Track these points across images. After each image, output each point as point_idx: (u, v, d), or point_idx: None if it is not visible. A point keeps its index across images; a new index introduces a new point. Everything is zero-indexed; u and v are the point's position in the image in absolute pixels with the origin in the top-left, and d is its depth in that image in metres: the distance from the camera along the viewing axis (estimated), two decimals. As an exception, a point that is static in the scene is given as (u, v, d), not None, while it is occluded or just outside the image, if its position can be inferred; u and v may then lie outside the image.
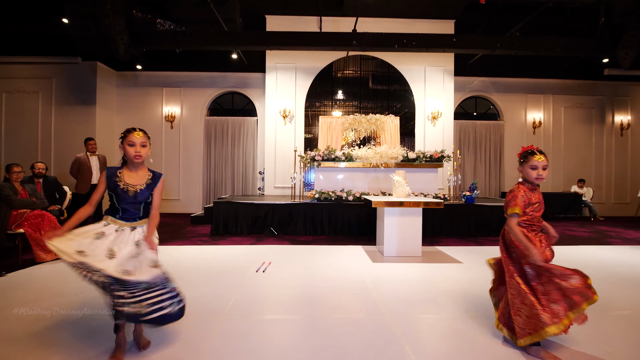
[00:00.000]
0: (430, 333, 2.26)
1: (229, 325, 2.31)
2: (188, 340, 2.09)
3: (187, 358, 1.89)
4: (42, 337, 2.10)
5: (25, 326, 2.25)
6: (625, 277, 3.54)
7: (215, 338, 2.13)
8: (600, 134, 9.71)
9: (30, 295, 2.85)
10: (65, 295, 2.83)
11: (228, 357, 1.91)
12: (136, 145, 1.99)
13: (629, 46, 5.79)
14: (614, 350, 2.02)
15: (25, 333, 2.15)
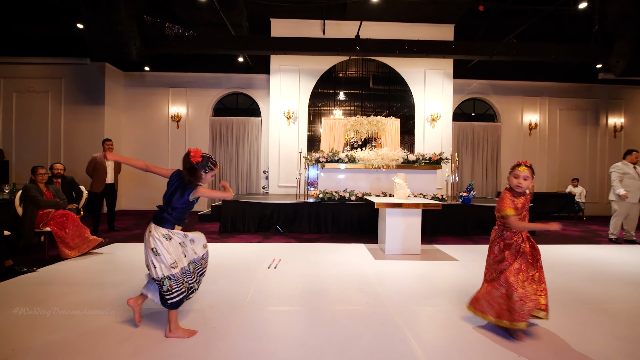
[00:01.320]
0: (429, 323, 2.54)
1: (250, 315, 2.59)
2: (217, 328, 2.37)
3: (219, 342, 2.17)
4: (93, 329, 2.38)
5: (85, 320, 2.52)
6: (609, 275, 3.83)
7: (240, 326, 2.40)
8: (594, 136, 10.01)
9: (67, 288, 3.12)
10: (102, 287, 3.10)
11: (252, 342, 2.18)
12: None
13: (620, 54, 6.06)
14: (588, 339, 2.31)
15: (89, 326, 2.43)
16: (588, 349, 2.16)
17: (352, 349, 2.13)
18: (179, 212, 2.25)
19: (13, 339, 2.17)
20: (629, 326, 2.53)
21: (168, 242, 2.18)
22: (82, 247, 4.24)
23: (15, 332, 2.26)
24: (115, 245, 4.84)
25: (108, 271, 3.67)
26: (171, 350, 2.07)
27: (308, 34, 8.49)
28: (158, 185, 9.53)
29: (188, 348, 2.10)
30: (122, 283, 3.27)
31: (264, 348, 2.11)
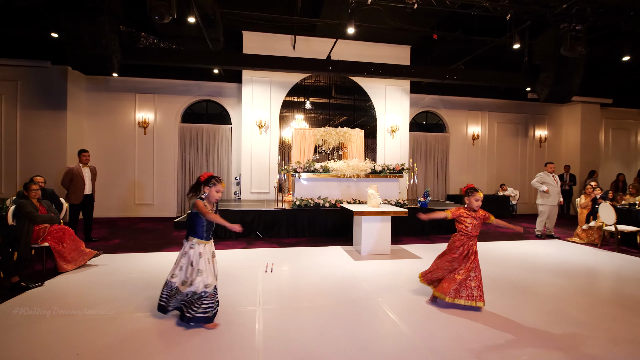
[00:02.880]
0: (402, 303, 3.26)
1: (268, 312, 3.10)
2: (245, 324, 2.86)
3: (249, 334, 2.66)
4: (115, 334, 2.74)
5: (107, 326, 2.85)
6: (535, 265, 4.89)
7: (266, 321, 2.91)
8: (524, 146, 11.70)
9: (88, 297, 3.36)
10: (120, 298, 3.39)
11: (283, 333, 2.71)
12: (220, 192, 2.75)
13: (544, 84, 7.40)
14: (522, 314, 3.17)
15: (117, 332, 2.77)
16: (522, 320, 3.01)
17: (356, 321, 2.76)
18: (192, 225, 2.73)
19: (74, 343, 2.49)
20: (550, 303, 3.46)
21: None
22: (79, 260, 4.39)
23: (74, 338, 2.56)
24: (105, 257, 4.98)
25: (117, 281, 3.92)
26: (222, 342, 2.54)
27: (279, 47, 8.94)
28: (121, 193, 9.40)
29: (241, 339, 2.57)
30: (146, 287, 3.58)
31: (294, 338, 2.66)
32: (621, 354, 2.50)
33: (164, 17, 4.30)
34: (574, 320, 3.08)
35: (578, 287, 4.03)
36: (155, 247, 5.85)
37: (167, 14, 4.29)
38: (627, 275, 4.53)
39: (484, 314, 3.14)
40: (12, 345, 2.49)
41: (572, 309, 3.35)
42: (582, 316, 3.17)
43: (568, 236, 7.16)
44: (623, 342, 2.67)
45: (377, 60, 8.89)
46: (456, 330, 2.82)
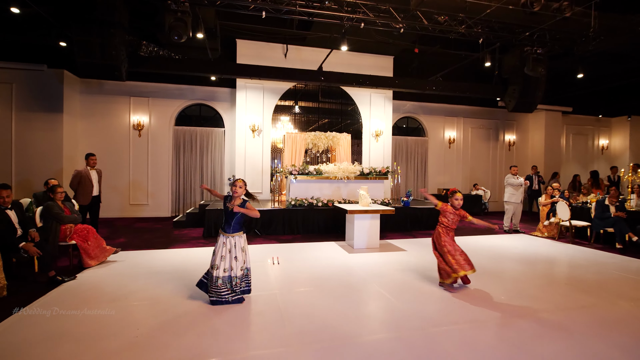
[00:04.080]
0: (394, 286, 3.93)
1: (281, 295, 3.68)
2: (268, 304, 3.43)
3: (273, 311, 3.24)
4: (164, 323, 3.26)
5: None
6: (502, 255, 5.70)
7: (280, 301, 3.49)
8: (495, 149, 12.75)
9: (119, 288, 3.82)
10: (153, 281, 3.87)
11: (304, 308, 3.30)
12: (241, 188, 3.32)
13: (511, 96, 8.33)
14: (490, 293, 3.92)
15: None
16: (493, 297, 3.75)
17: (358, 299, 3.40)
18: (235, 221, 3.30)
19: (131, 323, 2.99)
20: (514, 284, 4.23)
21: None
22: (101, 257, 4.80)
23: (128, 319, 3.05)
24: (122, 254, 5.37)
25: (143, 273, 4.37)
26: (252, 315, 3.10)
27: (271, 55, 9.46)
28: (116, 194, 9.65)
29: (267, 314, 3.15)
30: (171, 278, 4.06)
31: (309, 312, 3.27)
32: (564, 318, 3.26)
33: (182, 36, 4.76)
34: (532, 296, 3.85)
35: (537, 272, 4.85)
36: (163, 244, 6.27)
37: (184, 34, 4.75)
38: (578, 262, 5.42)
39: (461, 293, 3.85)
40: (81, 322, 2.95)
41: (531, 288, 4.13)
42: (539, 293, 3.95)
43: (531, 231, 8.11)
44: (567, 310, 3.45)
45: (362, 69, 9.59)
46: (440, 305, 3.51)
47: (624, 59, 8.27)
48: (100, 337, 2.74)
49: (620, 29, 6.08)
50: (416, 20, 5.85)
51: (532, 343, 2.78)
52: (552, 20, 5.78)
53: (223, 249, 3.40)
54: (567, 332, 2.98)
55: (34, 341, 2.67)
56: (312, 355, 2.53)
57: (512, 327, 3.07)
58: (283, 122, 10.88)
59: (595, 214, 6.69)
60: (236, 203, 3.42)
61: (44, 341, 2.67)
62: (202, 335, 2.81)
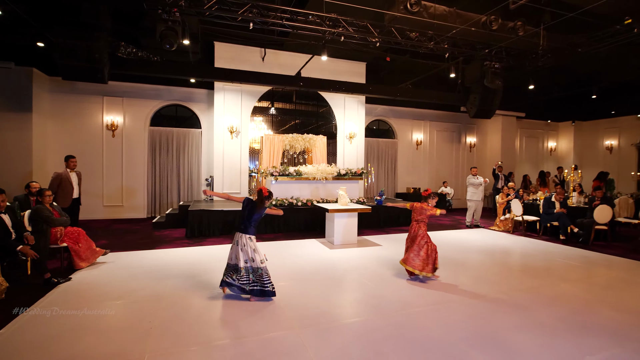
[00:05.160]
0: (375, 276, 4.43)
1: (278, 287, 4.03)
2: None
3: (273, 301, 3.61)
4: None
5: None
6: (465, 247, 6.40)
7: (279, 292, 3.85)
8: (457, 151, 13.76)
9: (119, 287, 4.00)
10: (145, 287, 4.08)
11: (292, 298, 3.68)
12: None
13: (472, 103, 9.17)
14: (457, 280, 4.52)
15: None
16: (457, 282, 4.34)
17: (345, 288, 3.85)
18: (256, 223, 3.63)
19: (142, 317, 3.23)
20: (476, 271, 4.87)
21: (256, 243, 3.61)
22: (91, 258, 4.90)
23: (138, 314, 3.28)
24: (110, 255, 5.45)
25: (136, 273, 4.54)
26: (254, 306, 3.45)
27: (249, 58, 9.67)
28: (89, 196, 9.46)
29: (268, 304, 3.50)
30: (166, 277, 4.28)
31: (305, 301, 3.67)
32: (517, 297, 3.90)
33: (173, 45, 4.94)
34: (491, 281, 4.50)
35: (495, 261, 5.56)
36: (147, 245, 6.37)
37: (175, 42, 4.92)
38: (529, 252, 6.23)
39: (432, 281, 4.42)
40: (94, 318, 3.15)
41: (490, 274, 4.79)
42: (497, 278, 4.61)
43: (490, 225, 9.00)
44: (520, 291, 4.10)
45: (337, 74, 10.07)
46: (415, 291, 4.05)
47: (568, 73, 9.37)
48: (117, 330, 2.98)
49: (564, 47, 7.00)
50: (390, 35, 6.39)
51: (492, 317, 3.36)
52: (508, 39, 6.56)
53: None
54: (519, 308, 3.60)
55: (55, 335, 2.86)
56: (314, 334, 2.93)
57: (476, 305, 3.65)
58: (256, 122, 11.14)
59: (543, 210, 7.61)
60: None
61: (64, 335, 2.87)
62: (213, 323, 3.13)
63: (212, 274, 4.56)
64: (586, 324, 3.24)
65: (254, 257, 3.63)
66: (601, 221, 6.73)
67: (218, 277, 4.36)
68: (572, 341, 2.91)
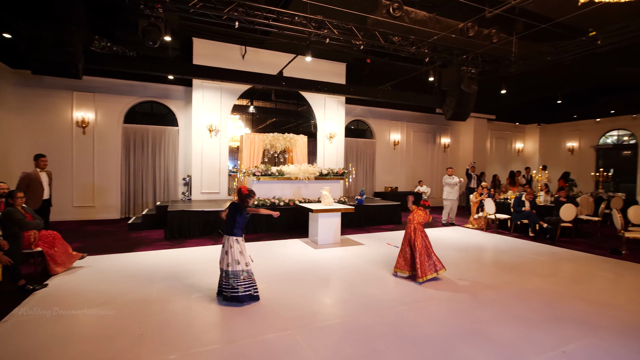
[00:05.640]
0: (362, 275, 4.54)
1: (266, 288, 4.06)
2: (268, 293, 3.79)
3: (263, 301, 3.62)
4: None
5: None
6: (442, 244, 6.67)
7: (267, 292, 3.87)
8: (432, 151, 14.21)
9: (101, 293, 3.86)
10: (128, 292, 3.97)
11: (281, 298, 3.71)
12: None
13: (449, 106, 9.52)
14: (446, 277, 4.71)
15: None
16: (439, 279, 4.53)
17: (333, 287, 3.93)
18: (241, 224, 3.62)
19: (131, 323, 3.15)
20: (455, 268, 5.10)
21: (243, 244, 3.59)
22: (67, 263, 4.68)
23: (125, 320, 3.19)
24: (89, 259, 5.22)
25: (118, 277, 4.39)
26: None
27: (228, 56, 9.50)
28: (57, 196, 9.00)
29: (257, 305, 3.50)
30: (150, 280, 4.17)
31: (295, 301, 3.70)
32: (494, 292, 4.13)
33: (156, 42, 4.78)
34: (470, 277, 4.72)
35: (472, 257, 5.84)
36: (125, 248, 6.15)
37: (159, 39, 4.77)
38: (502, 248, 6.57)
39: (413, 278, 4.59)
40: (81, 325, 3.03)
41: (468, 270, 5.03)
42: (475, 274, 4.84)
43: (464, 223, 9.39)
44: (496, 286, 4.34)
45: (317, 74, 10.10)
46: (401, 288, 4.19)
47: (536, 79, 9.93)
48: (108, 337, 2.89)
49: (534, 55, 7.43)
50: (374, 39, 6.52)
51: (473, 311, 3.55)
52: (484, 46, 6.88)
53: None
54: (498, 302, 3.82)
55: (40, 346, 2.73)
56: (309, 334, 2.98)
57: (458, 300, 3.84)
58: (233, 120, 10.98)
59: (514, 209, 8.05)
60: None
61: (52, 345, 2.75)
62: (206, 327, 3.10)
63: (198, 276, 4.50)
64: (559, 316, 3.49)
65: (238, 260, 3.62)
66: (566, 219, 7.21)
67: (205, 280, 4.34)
68: (548, 332, 3.14)
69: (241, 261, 3.61)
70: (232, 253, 3.62)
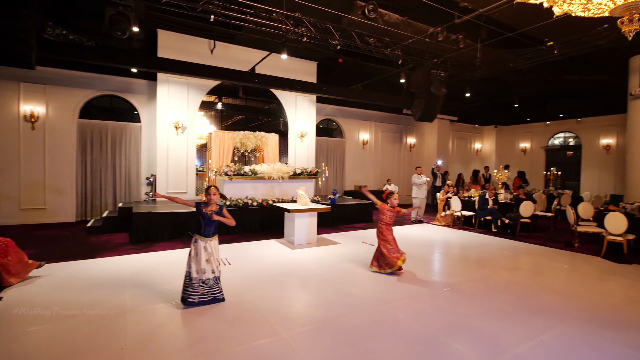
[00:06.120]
0: (343, 274, 4.56)
1: (248, 292, 3.94)
2: (243, 302, 3.66)
3: (248, 305, 3.51)
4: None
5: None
6: (410, 241, 6.89)
7: (250, 296, 3.76)
8: (399, 150, 14.63)
9: (65, 305, 3.53)
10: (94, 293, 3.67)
11: (266, 301, 3.62)
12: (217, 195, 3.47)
13: (417, 107, 9.85)
14: (422, 274, 4.86)
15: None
16: (417, 276, 4.66)
17: (316, 288, 3.91)
18: (209, 225, 3.48)
19: (109, 338, 2.90)
20: (429, 264, 5.28)
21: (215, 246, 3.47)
22: (23, 273, 4.24)
23: (100, 334, 2.93)
24: (47, 267, 4.76)
25: (82, 287, 4.04)
26: (231, 312, 3.31)
27: (196, 50, 9.10)
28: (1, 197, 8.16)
29: (254, 315, 3.38)
30: (121, 287, 3.88)
31: (286, 305, 3.63)
32: (472, 287, 4.33)
33: (125, 32, 4.42)
34: (446, 272, 4.92)
35: (443, 254, 6.08)
36: (86, 254, 5.68)
37: (127, 29, 4.42)
38: (470, 244, 6.91)
39: (396, 276, 4.69)
40: (49, 340, 2.74)
41: (444, 267, 5.24)
42: (451, 270, 5.05)
43: (432, 220, 9.77)
44: (472, 281, 4.55)
45: (288, 72, 9.99)
46: (384, 286, 4.26)
47: (496, 83, 10.55)
48: (84, 353, 2.64)
49: (497, 61, 7.89)
50: (350, 39, 6.56)
51: (454, 306, 3.69)
52: (453, 51, 7.18)
53: (205, 253, 3.51)
54: (474, 296, 4.01)
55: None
56: (301, 338, 2.93)
57: (439, 297, 3.98)
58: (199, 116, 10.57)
59: (478, 206, 8.50)
60: (213, 209, 3.56)
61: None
62: (192, 337, 2.94)
63: (173, 282, 4.26)
64: (530, 307, 3.73)
65: (205, 269, 3.50)
66: (525, 215, 7.74)
67: (180, 286, 4.11)
68: (524, 323, 3.34)
69: (208, 268, 3.50)
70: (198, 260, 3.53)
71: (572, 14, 2.55)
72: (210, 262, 3.55)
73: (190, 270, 3.50)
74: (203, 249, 3.55)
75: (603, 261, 5.69)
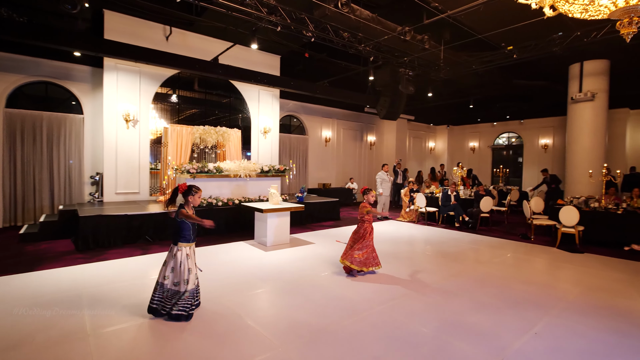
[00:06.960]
0: (328, 277, 4.38)
1: (228, 301, 3.59)
2: (227, 313, 3.30)
3: (228, 312, 3.17)
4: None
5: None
6: (379, 237, 6.92)
7: (231, 304, 3.41)
8: (360, 148, 14.79)
9: (23, 329, 2.91)
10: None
11: (257, 313, 3.32)
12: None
13: (382, 106, 9.96)
14: (403, 272, 4.83)
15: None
16: (399, 275, 4.63)
17: (297, 292, 3.69)
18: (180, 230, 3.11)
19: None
20: (406, 259, 5.29)
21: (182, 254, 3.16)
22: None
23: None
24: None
25: (24, 307, 3.38)
26: (214, 323, 2.95)
27: (148, 35, 8.28)
28: None
29: (243, 319, 3.03)
30: (84, 304, 3.30)
31: (276, 313, 3.33)
32: (453, 283, 4.38)
33: (76, 6, 3.75)
34: (425, 270, 4.95)
35: (416, 250, 6.16)
36: (23, 265, 4.84)
37: (79, 3, 3.76)
38: (439, 240, 7.10)
39: (377, 276, 4.61)
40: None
41: (419, 262, 5.27)
42: (428, 267, 5.09)
43: (397, 217, 9.97)
44: (452, 277, 4.62)
45: (250, 64, 9.54)
46: (373, 288, 4.14)
47: (453, 84, 11.05)
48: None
49: (459, 63, 8.21)
50: (325, 32, 6.36)
51: (445, 303, 3.69)
52: (421, 51, 7.31)
53: (189, 261, 3.10)
54: (460, 292, 4.05)
55: None
56: (301, 349, 2.68)
57: (427, 295, 3.95)
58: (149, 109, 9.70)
59: (442, 202, 8.81)
60: (190, 212, 3.16)
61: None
62: (181, 356, 2.55)
63: (140, 295, 3.75)
64: (515, 299, 3.85)
65: (168, 275, 3.15)
66: (485, 210, 8.17)
67: (148, 298, 3.64)
68: (515, 316, 3.42)
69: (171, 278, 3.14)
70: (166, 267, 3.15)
71: (570, 14, 2.62)
72: (192, 272, 3.15)
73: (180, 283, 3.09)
74: (187, 257, 3.14)
75: (558, 251, 6.15)
